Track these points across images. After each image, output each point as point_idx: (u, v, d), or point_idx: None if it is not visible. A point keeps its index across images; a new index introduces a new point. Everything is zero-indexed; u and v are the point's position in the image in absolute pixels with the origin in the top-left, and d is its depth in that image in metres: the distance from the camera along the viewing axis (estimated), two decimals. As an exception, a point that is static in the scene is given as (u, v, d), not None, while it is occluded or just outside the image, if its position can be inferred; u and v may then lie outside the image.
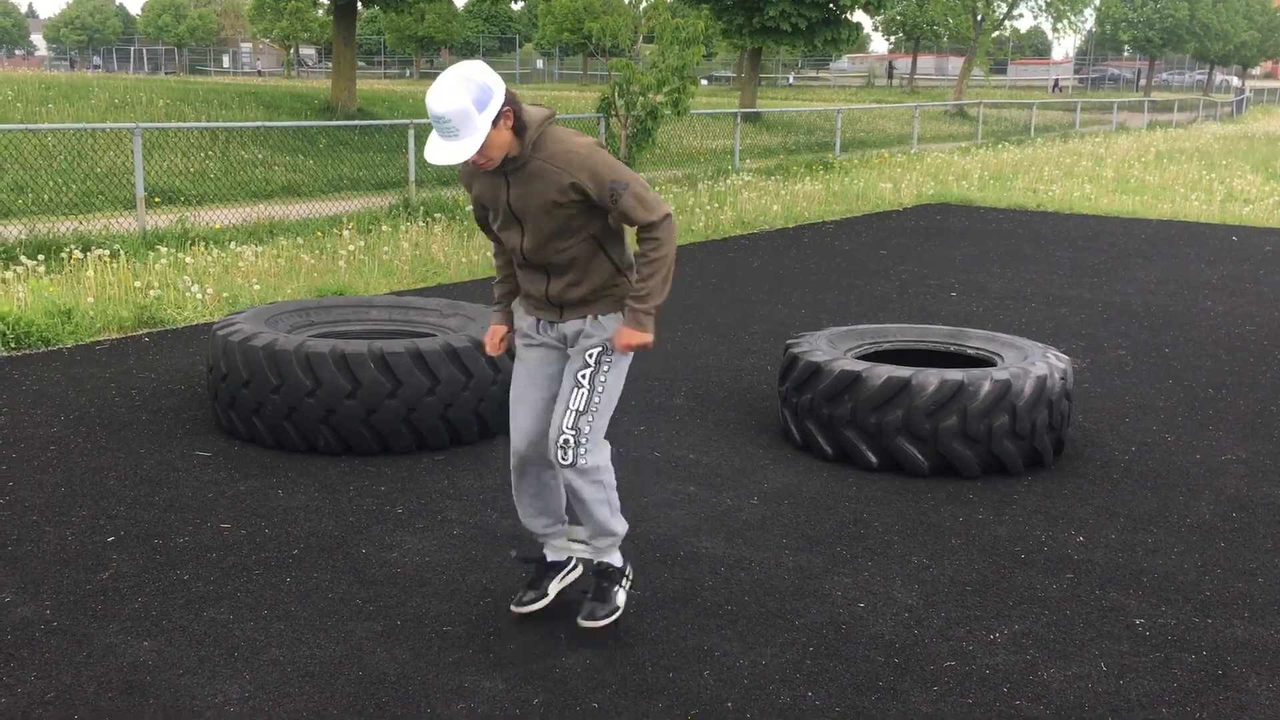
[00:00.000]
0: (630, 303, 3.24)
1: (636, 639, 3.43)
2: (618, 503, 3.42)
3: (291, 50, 67.49)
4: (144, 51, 72.38)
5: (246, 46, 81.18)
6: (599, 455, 3.31)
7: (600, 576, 3.44)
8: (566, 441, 3.24)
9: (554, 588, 3.59)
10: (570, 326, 3.32)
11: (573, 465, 3.25)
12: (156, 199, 11.77)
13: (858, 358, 5.38)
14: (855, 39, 29.30)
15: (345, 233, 10.57)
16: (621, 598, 3.43)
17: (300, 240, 10.20)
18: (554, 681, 3.18)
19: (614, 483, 3.39)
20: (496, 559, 3.97)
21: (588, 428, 3.25)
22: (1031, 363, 5.00)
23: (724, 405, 5.92)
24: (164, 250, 9.07)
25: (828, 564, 3.99)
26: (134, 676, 3.16)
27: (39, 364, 6.45)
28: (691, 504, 4.54)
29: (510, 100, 3.02)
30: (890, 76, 68.91)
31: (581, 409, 3.25)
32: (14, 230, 9.60)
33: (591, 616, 3.36)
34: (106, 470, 4.77)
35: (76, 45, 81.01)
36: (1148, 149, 25.34)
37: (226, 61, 77.97)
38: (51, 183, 12.09)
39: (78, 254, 8.59)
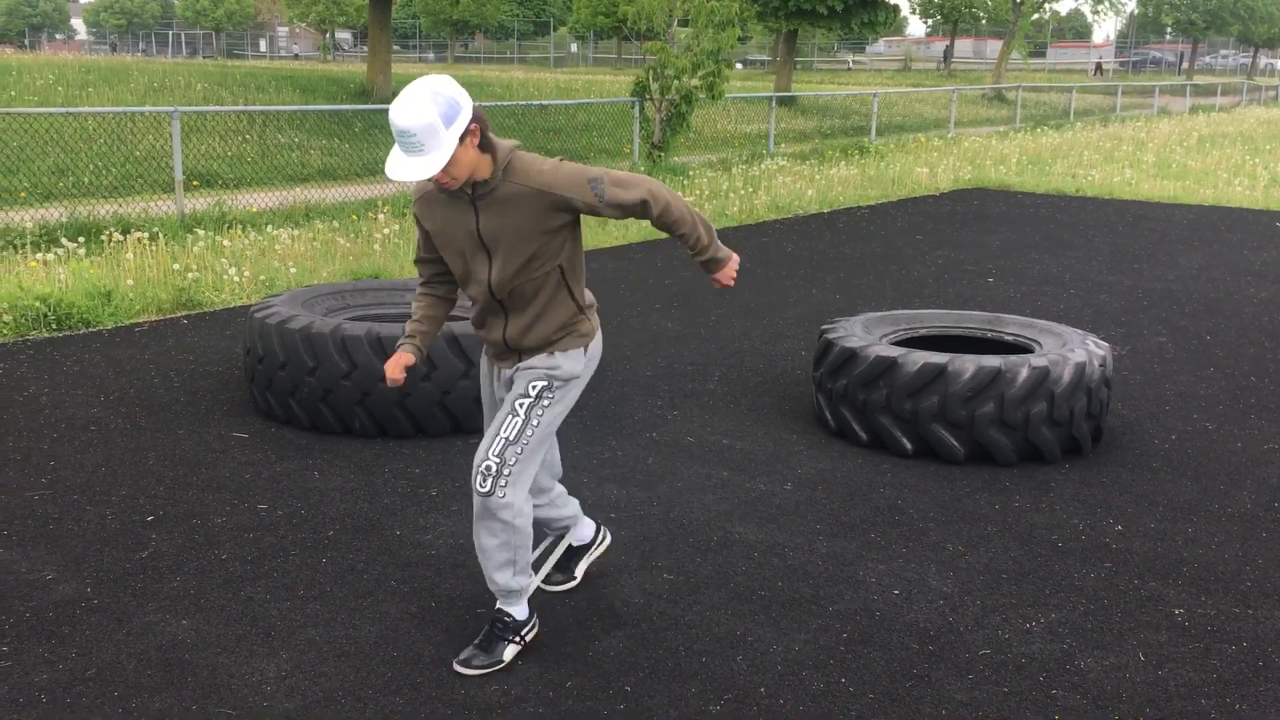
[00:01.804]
0: (698, 259, 3.17)
1: (669, 623, 3.43)
2: (527, 557, 3.18)
3: (327, 34, 67.78)
4: (182, 36, 72.95)
5: (283, 30, 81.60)
6: (517, 493, 3.08)
7: (494, 625, 3.21)
8: (489, 469, 3.05)
9: (581, 569, 3.64)
10: (520, 367, 3.18)
11: (489, 495, 3.05)
12: (194, 182, 11.88)
13: (893, 343, 5.34)
14: (892, 21, 29.03)
15: (380, 216, 10.61)
16: (509, 654, 3.17)
17: (336, 224, 10.26)
18: (587, 664, 3.19)
19: (529, 532, 3.15)
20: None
21: (514, 459, 3.06)
22: (1070, 349, 4.94)
23: (758, 390, 5.90)
24: (202, 233, 9.15)
25: (862, 550, 3.97)
26: (173, 654, 3.20)
27: (79, 345, 6.53)
28: (725, 489, 4.53)
29: (477, 117, 2.90)
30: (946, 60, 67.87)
31: (511, 439, 3.07)
32: (55, 213, 9.71)
33: (466, 663, 3.14)
34: (146, 450, 4.82)
35: (116, 29, 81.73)
36: (1190, 133, 24.96)
37: (263, 45, 78.42)
38: (92, 166, 12.22)
39: (117, 236, 8.68)
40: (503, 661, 3.16)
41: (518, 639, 3.21)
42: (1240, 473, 4.80)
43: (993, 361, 4.73)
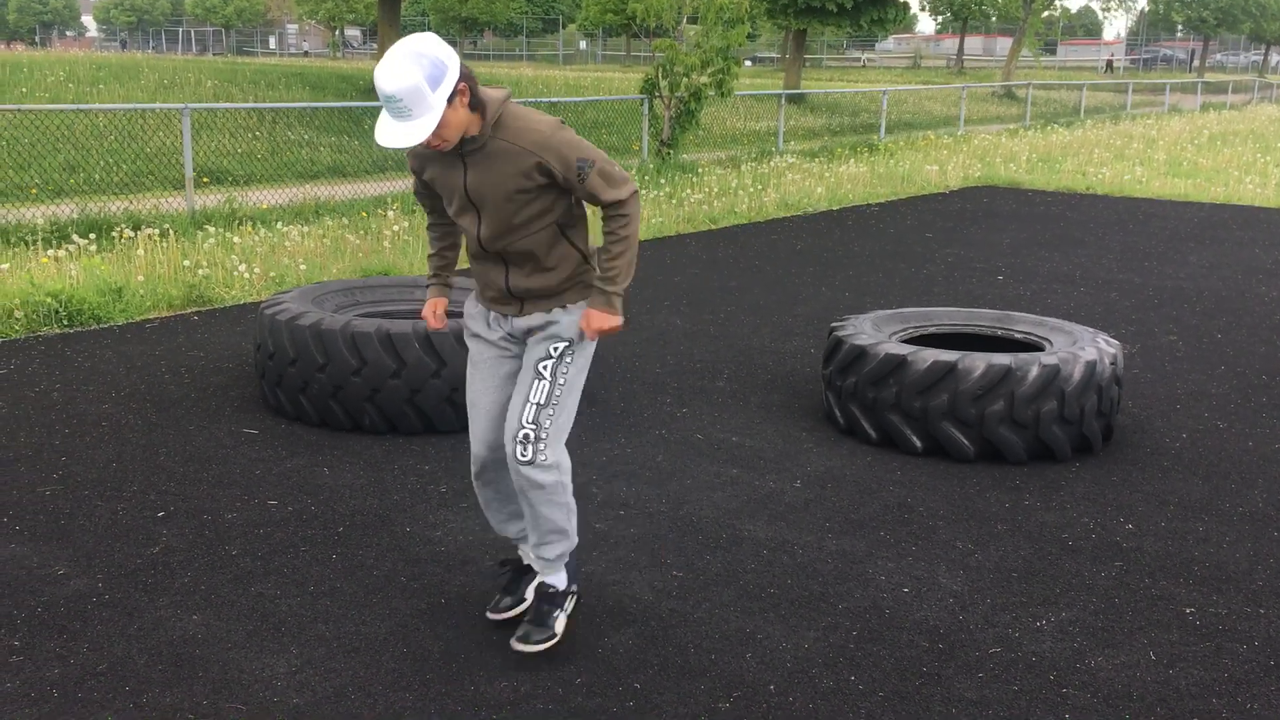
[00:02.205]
0: (598, 284, 3.03)
1: (679, 620, 3.43)
2: (575, 508, 3.19)
3: (337, 31, 67.85)
4: (192, 33, 73.11)
5: (293, 28, 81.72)
6: (559, 453, 3.07)
7: (541, 599, 3.22)
8: (526, 436, 3.00)
9: (531, 591, 3.39)
10: (530, 320, 3.09)
11: (531, 462, 3.01)
12: (205, 179, 11.90)
13: (903, 341, 5.33)
14: (902, 19, 28.99)
15: (390, 213, 10.63)
16: (561, 624, 3.19)
17: (345, 220, 10.28)
18: (596, 661, 3.19)
19: (570, 485, 3.14)
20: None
21: (549, 422, 3.02)
22: (1081, 347, 4.93)
23: (767, 388, 5.90)
24: (212, 230, 9.17)
25: (871, 548, 3.97)
26: (184, 649, 3.20)
27: (91, 341, 6.55)
28: (734, 486, 4.53)
29: (465, 75, 2.78)
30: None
31: (542, 402, 3.01)
32: (66, 209, 9.74)
33: (525, 640, 3.13)
34: (157, 446, 4.84)
35: (126, 26, 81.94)
36: (1201, 131, 24.88)
37: (273, 43, 78.55)
38: (102, 163, 12.25)
39: (128, 233, 8.71)
40: (557, 634, 3.17)
41: (569, 603, 3.24)
42: (1252, 471, 4.78)
43: (1003, 359, 4.72)
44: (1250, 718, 2.98)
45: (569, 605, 3.25)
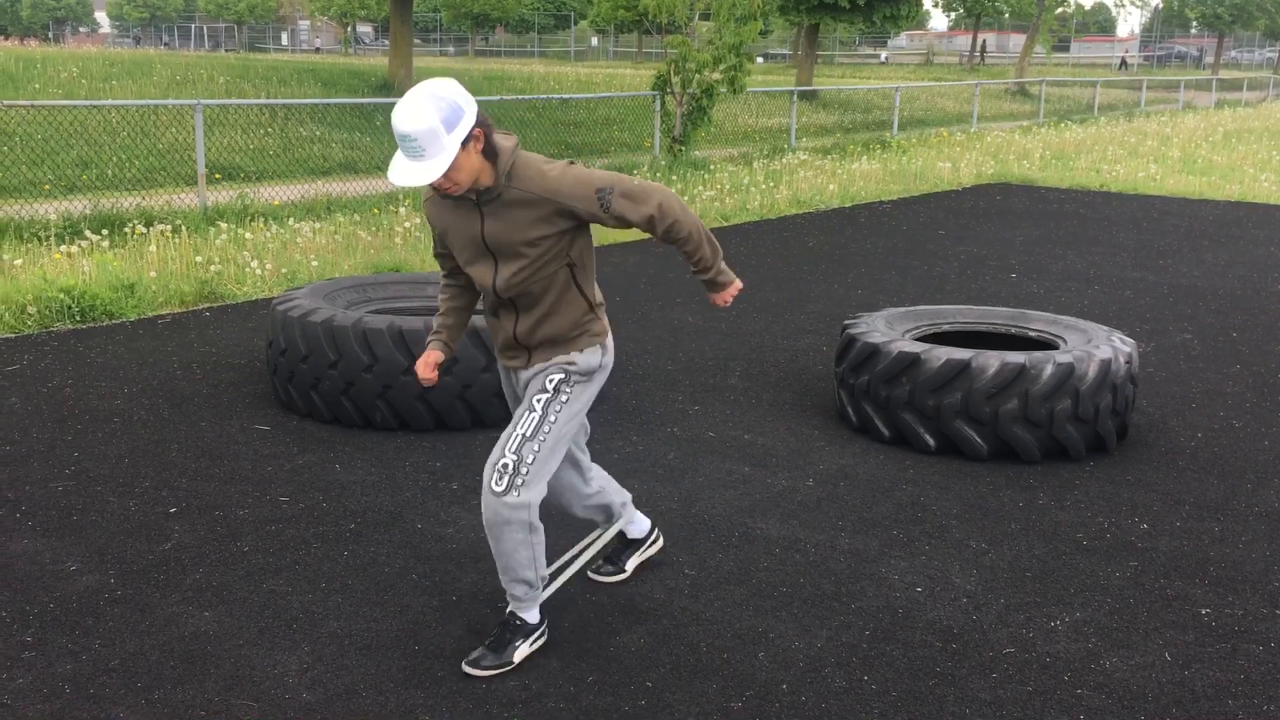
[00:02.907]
0: (702, 277, 3.15)
1: (690, 619, 3.42)
2: (542, 554, 3.14)
3: (349, 28, 67.95)
4: (204, 29, 73.31)
5: (305, 24, 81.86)
6: (533, 493, 3.02)
7: (506, 627, 3.18)
8: (505, 466, 2.99)
9: (632, 564, 3.66)
10: (537, 370, 3.13)
11: (504, 494, 2.98)
12: (217, 175, 11.92)
13: (916, 339, 5.31)
14: (914, 15, 28.89)
15: (401, 210, 10.63)
16: (519, 655, 3.13)
17: (357, 217, 10.28)
18: (608, 660, 3.18)
19: (541, 530, 3.10)
20: (550, 536, 3.97)
21: (530, 457, 3.01)
22: (1095, 346, 4.90)
23: (779, 386, 5.88)
24: (224, 226, 9.18)
25: (884, 547, 3.95)
26: (195, 646, 3.20)
27: (103, 337, 6.56)
28: (746, 484, 4.51)
29: (482, 122, 2.84)
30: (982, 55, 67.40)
31: (528, 435, 3.02)
32: (79, 205, 9.77)
33: (475, 663, 3.09)
34: (169, 442, 4.84)
35: (139, 23, 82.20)
36: (1215, 128, 24.75)
37: (285, 39, 78.70)
38: (115, 159, 12.28)
39: (141, 229, 8.72)
40: (512, 663, 3.12)
41: (532, 642, 3.18)
42: (1268, 471, 4.75)
43: (1017, 358, 4.69)
44: (1266, 719, 2.96)
45: (534, 641, 3.19)
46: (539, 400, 3.07)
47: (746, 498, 4.37)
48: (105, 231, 8.60)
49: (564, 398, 3.09)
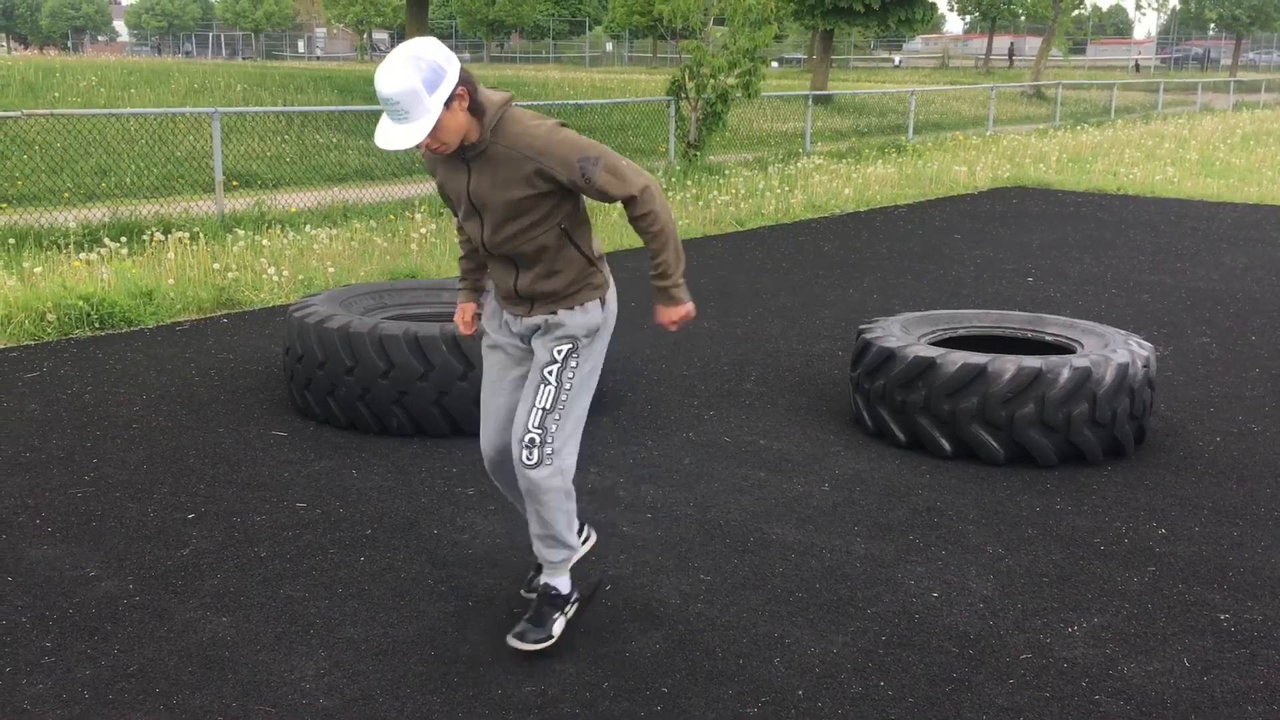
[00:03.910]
0: (656, 283, 3.06)
1: (706, 625, 3.41)
2: (576, 518, 3.22)
3: (365, 35, 68.24)
4: (221, 37, 73.75)
5: (321, 31, 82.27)
6: (565, 458, 3.08)
7: (542, 600, 3.24)
8: (532, 440, 3.01)
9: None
10: (538, 320, 3.10)
11: (536, 465, 3.03)
12: (234, 182, 11.99)
13: (932, 343, 5.30)
14: (930, 19, 28.83)
15: (417, 216, 10.66)
16: (559, 627, 3.20)
17: (373, 223, 10.32)
18: (623, 665, 3.18)
19: (572, 493, 3.16)
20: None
21: (554, 426, 3.03)
22: (1113, 350, 4.88)
23: (794, 390, 5.87)
24: (241, 233, 9.23)
25: (900, 552, 3.94)
26: (213, 651, 3.22)
27: (122, 344, 6.60)
28: (761, 489, 4.51)
29: (465, 80, 2.79)
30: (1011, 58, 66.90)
31: (548, 407, 3.02)
32: (98, 213, 9.84)
33: (521, 637, 3.16)
34: (187, 448, 4.87)
35: (157, 31, 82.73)
36: (1233, 130, 24.61)
37: (301, 46, 79.10)
38: (133, 166, 12.37)
39: (159, 236, 8.77)
40: (554, 636, 3.18)
41: (564, 612, 3.24)
42: (1287, 476, 4.72)
43: (1033, 362, 4.68)
44: (1287, 726, 2.94)
45: (570, 610, 3.26)
46: (550, 371, 3.05)
47: (762, 503, 4.37)
48: (124, 239, 8.66)
49: (574, 362, 3.08)
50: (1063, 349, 5.28)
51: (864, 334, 5.22)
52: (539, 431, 3.02)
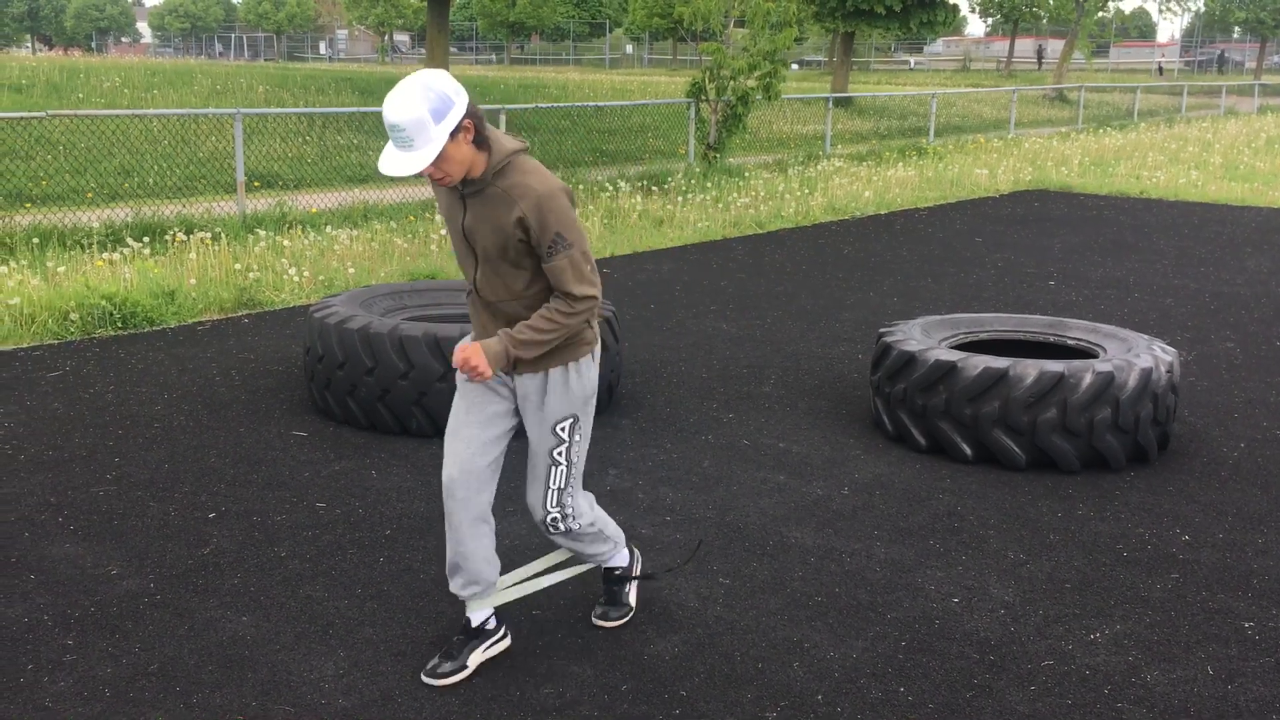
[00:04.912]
0: (505, 333, 2.93)
1: (725, 628, 3.40)
2: (610, 526, 3.40)
3: (386, 36, 68.50)
4: (244, 38, 74.17)
5: (343, 33, 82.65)
6: (584, 517, 3.27)
7: (610, 581, 3.47)
8: (555, 520, 3.19)
9: (475, 660, 3.16)
10: (524, 383, 3.06)
11: (566, 533, 3.25)
12: (256, 183, 12.04)
13: (953, 347, 5.27)
14: (951, 21, 28.73)
15: (437, 217, 10.68)
16: (633, 596, 3.49)
17: (393, 224, 10.35)
18: (642, 669, 3.18)
19: (601, 516, 3.36)
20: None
21: (569, 500, 3.20)
22: (1136, 355, 4.84)
23: (814, 394, 5.86)
24: (263, 233, 9.27)
25: (920, 557, 3.92)
26: (233, 650, 3.23)
27: (144, 343, 6.64)
28: (781, 493, 4.49)
29: (472, 113, 2.79)
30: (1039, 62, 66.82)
31: (563, 486, 3.17)
32: (121, 213, 9.90)
33: (605, 618, 3.43)
34: (208, 448, 4.89)
35: (180, 32, 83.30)
36: (1258, 134, 24.42)
37: (323, 48, 79.48)
38: (156, 167, 12.44)
39: (181, 237, 8.82)
40: (632, 608, 3.46)
41: (635, 577, 3.50)
42: (1313, 483, 4.67)
43: (1056, 366, 4.65)
44: (1313, 736, 2.91)
45: (636, 574, 3.51)
46: (559, 453, 3.12)
47: (781, 506, 4.36)
48: (146, 239, 8.71)
49: (577, 436, 3.14)
50: (1085, 353, 5.25)
51: (884, 337, 5.19)
52: (559, 510, 3.18)
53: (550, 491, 3.16)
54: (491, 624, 3.23)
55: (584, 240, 2.92)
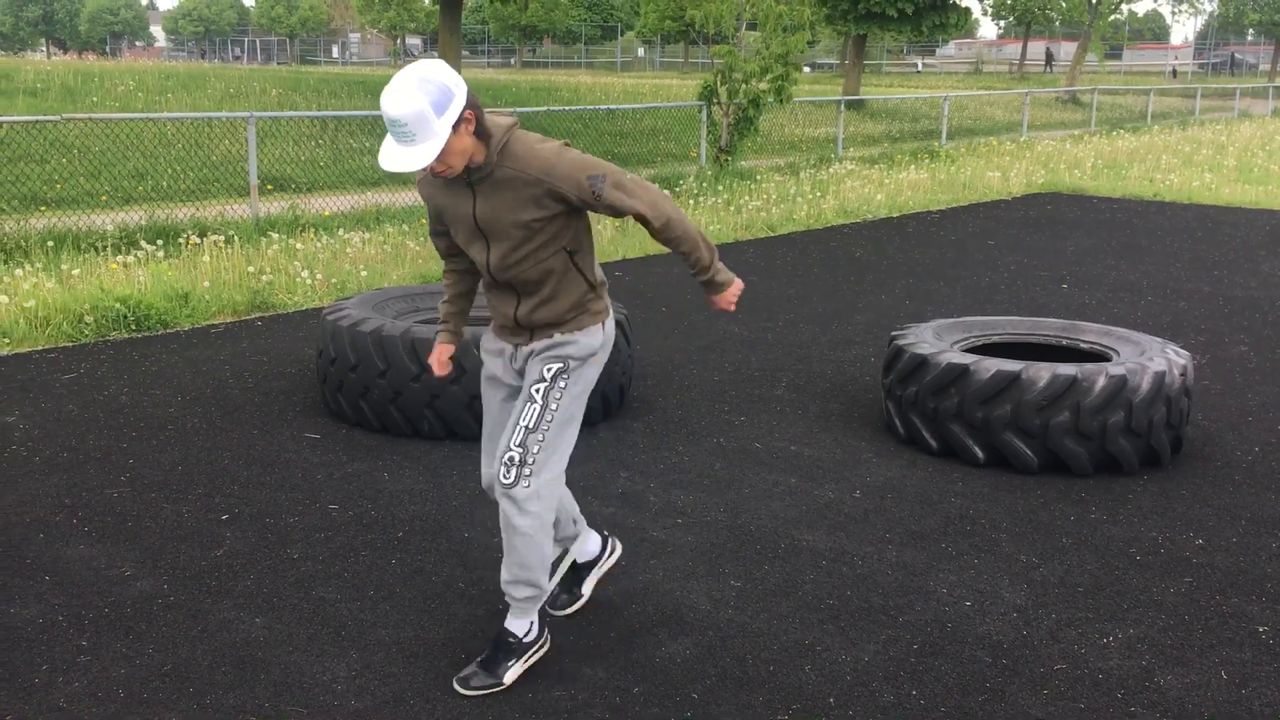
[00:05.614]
0: (700, 279, 3.07)
1: (737, 631, 3.40)
2: (550, 554, 3.09)
3: (398, 40, 68.70)
4: (257, 42, 74.46)
5: (355, 37, 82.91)
6: (544, 484, 2.99)
7: (498, 645, 3.11)
8: (511, 459, 2.95)
9: (589, 586, 3.47)
10: (538, 346, 3.07)
11: (513, 485, 2.95)
12: (269, 186, 12.09)
13: (965, 350, 5.26)
14: (963, 24, 28.68)
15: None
16: (512, 676, 3.07)
17: (406, 227, 10.38)
18: (654, 671, 3.18)
19: (551, 526, 3.06)
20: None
21: (536, 447, 2.96)
22: (1149, 358, 4.83)
23: (826, 397, 5.85)
24: (276, 236, 9.30)
25: (932, 560, 3.91)
26: (246, 652, 3.24)
27: (158, 345, 6.67)
28: (792, 496, 4.49)
29: (472, 103, 2.76)
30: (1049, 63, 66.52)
31: (531, 426, 2.96)
32: (135, 216, 9.94)
33: (464, 682, 3.05)
34: (221, 450, 4.91)
35: (194, 36, 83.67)
36: (1272, 136, 24.32)
37: (336, 51, 79.74)
38: (170, 170, 12.50)
39: (194, 239, 8.86)
40: (503, 684, 3.05)
41: (523, 660, 3.12)
42: (1327, 487, 4.65)
43: (1068, 369, 4.64)
44: (1327, 741, 2.89)
45: (530, 657, 3.14)
46: (537, 390, 3.00)
47: (793, 509, 4.35)
48: (160, 242, 8.75)
49: (563, 383, 3.01)
50: (1098, 356, 5.24)
51: (896, 340, 5.19)
52: (519, 450, 2.96)
53: (518, 428, 2.97)
54: (595, 549, 3.47)
55: (606, 164, 2.91)
